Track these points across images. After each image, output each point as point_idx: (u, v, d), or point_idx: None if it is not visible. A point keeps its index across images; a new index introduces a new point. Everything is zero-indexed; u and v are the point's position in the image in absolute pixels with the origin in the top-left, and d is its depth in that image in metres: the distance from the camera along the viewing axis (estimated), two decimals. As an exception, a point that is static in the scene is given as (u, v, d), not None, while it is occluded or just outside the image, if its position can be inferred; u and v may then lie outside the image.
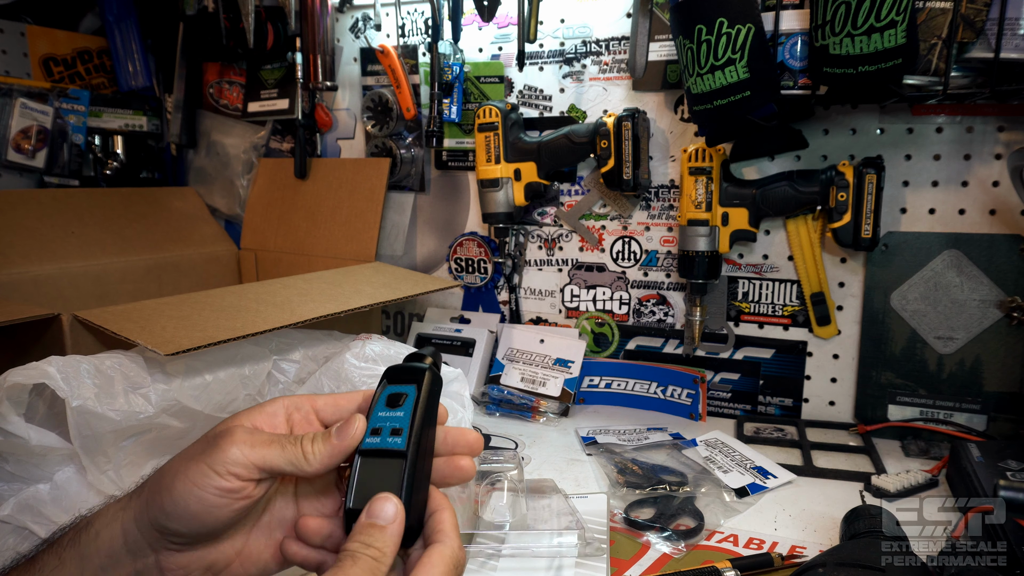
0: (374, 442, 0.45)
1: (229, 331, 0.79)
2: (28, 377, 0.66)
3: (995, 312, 0.98)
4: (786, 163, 1.09)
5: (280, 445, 0.45)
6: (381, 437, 0.45)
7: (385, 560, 0.40)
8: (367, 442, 0.45)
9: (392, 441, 0.44)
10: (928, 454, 0.99)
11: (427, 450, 0.46)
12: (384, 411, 0.46)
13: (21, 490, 0.69)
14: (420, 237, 1.40)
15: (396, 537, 0.41)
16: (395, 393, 0.47)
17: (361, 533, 0.41)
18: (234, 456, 0.43)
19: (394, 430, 0.44)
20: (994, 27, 0.78)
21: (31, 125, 1.39)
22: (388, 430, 0.45)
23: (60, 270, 1.22)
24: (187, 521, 0.43)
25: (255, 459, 0.44)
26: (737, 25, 0.88)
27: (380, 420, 0.46)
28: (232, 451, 0.43)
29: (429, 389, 0.47)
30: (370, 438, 0.45)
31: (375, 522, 0.41)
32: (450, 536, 0.43)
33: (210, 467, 0.43)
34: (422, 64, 1.30)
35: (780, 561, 0.72)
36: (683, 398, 1.15)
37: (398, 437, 0.44)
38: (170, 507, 0.43)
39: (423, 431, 0.45)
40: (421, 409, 0.45)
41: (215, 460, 0.43)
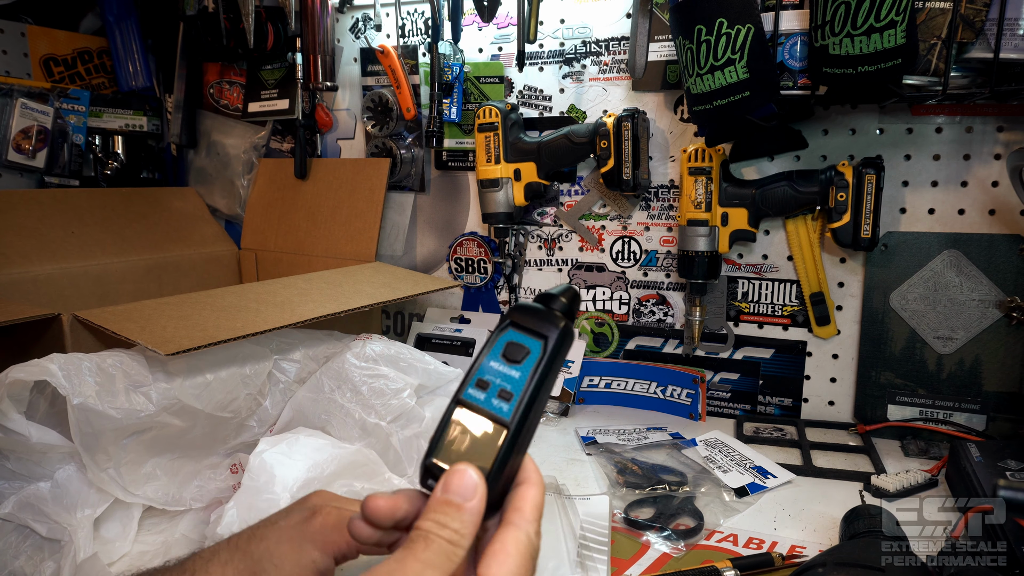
0: (477, 397, 0.38)
1: (229, 331, 0.79)
2: (29, 374, 0.66)
3: (994, 312, 0.98)
4: (786, 163, 1.09)
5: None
6: (487, 394, 0.38)
7: (462, 543, 0.35)
8: (468, 393, 0.38)
9: (498, 406, 0.37)
10: (928, 454, 0.99)
11: (534, 423, 0.39)
12: (498, 362, 0.39)
13: (22, 488, 0.70)
14: (420, 237, 1.40)
15: (476, 517, 0.36)
16: (517, 344, 0.39)
17: (436, 511, 0.36)
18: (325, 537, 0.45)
19: (503, 392, 0.38)
20: (993, 27, 0.78)
21: (31, 125, 1.39)
22: (496, 389, 0.38)
23: (60, 270, 1.22)
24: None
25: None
26: (737, 25, 0.88)
27: (490, 372, 0.38)
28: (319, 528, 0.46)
29: (556, 349, 0.39)
30: (473, 389, 0.38)
31: (452, 499, 0.36)
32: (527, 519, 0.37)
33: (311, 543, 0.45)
34: (422, 64, 1.30)
35: (781, 561, 0.72)
36: (683, 398, 1.15)
37: (506, 403, 0.37)
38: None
39: (536, 402, 0.38)
40: (540, 375, 0.38)
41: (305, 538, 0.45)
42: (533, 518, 0.37)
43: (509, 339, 0.39)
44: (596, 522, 0.79)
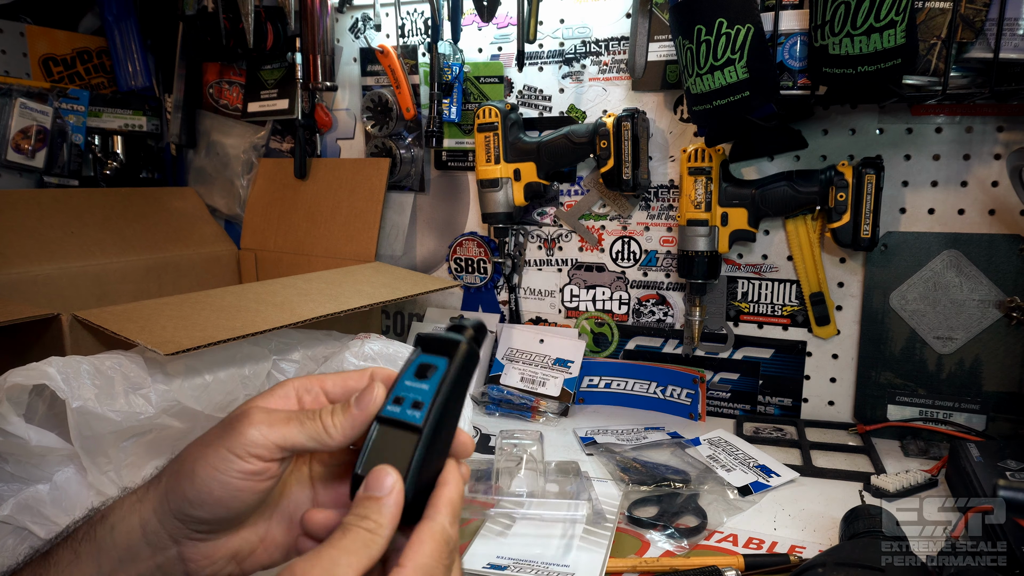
0: (394, 411, 0.43)
1: (229, 331, 0.79)
2: (28, 378, 0.66)
3: (994, 312, 0.98)
4: (785, 163, 1.09)
5: (299, 421, 0.44)
6: (402, 407, 0.43)
7: (381, 533, 0.38)
8: (387, 410, 0.43)
9: (411, 414, 0.42)
10: (927, 454, 0.99)
11: (447, 429, 0.44)
12: (411, 380, 0.44)
13: (21, 490, 0.69)
14: (420, 237, 1.40)
15: (393, 510, 0.39)
16: (425, 364, 0.44)
17: (357, 505, 0.39)
18: (254, 437, 0.43)
19: (415, 403, 0.42)
20: (993, 27, 0.78)
21: (31, 125, 1.39)
22: (410, 401, 0.43)
23: (60, 270, 1.22)
24: (211, 507, 0.43)
25: (275, 438, 0.43)
26: (736, 25, 0.88)
27: (405, 389, 0.43)
28: (252, 432, 0.43)
29: (461, 364, 0.44)
30: (391, 406, 0.43)
31: (371, 494, 0.40)
32: (441, 512, 0.41)
33: (230, 451, 0.42)
34: (422, 64, 1.30)
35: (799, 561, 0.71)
36: (683, 398, 1.15)
37: (418, 411, 0.42)
38: (192, 494, 0.43)
39: (445, 409, 0.43)
40: (448, 385, 0.43)
41: (235, 443, 0.42)
42: (447, 512, 0.41)
43: (420, 361, 0.45)
44: (608, 500, 0.85)
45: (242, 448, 0.42)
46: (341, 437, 0.44)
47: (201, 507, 0.43)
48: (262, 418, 0.44)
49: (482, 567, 0.71)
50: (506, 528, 0.78)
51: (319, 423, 0.44)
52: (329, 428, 0.44)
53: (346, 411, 0.44)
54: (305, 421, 0.44)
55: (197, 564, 0.45)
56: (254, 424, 0.43)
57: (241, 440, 0.42)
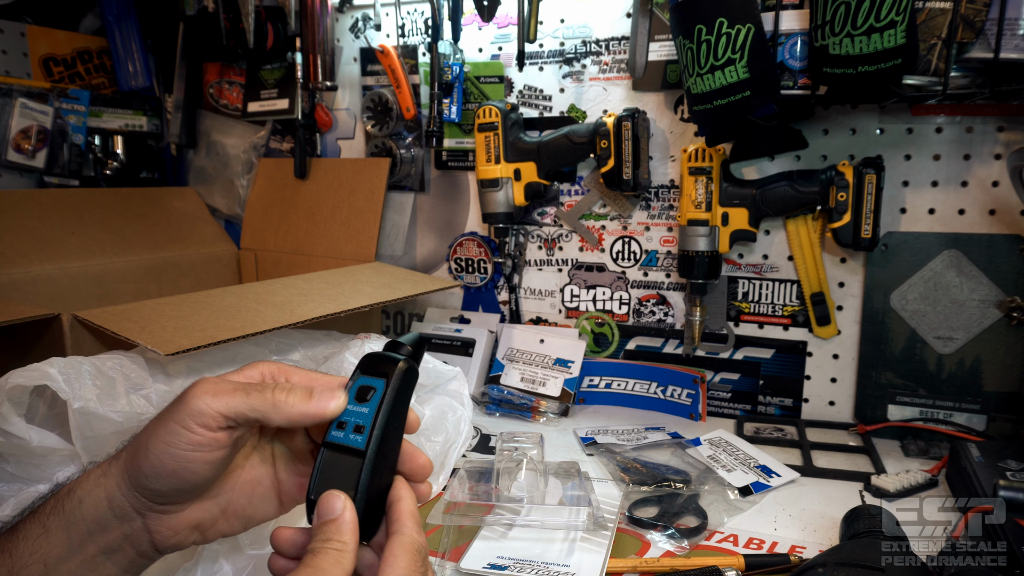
0: (338, 436, 0.44)
1: (229, 331, 0.79)
2: (29, 379, 0.66)
3: (995, 312, 0.98)
4: (786, 163, 1.09)
5: (245, 392, 0.45)
6: (345, 432, 0.44)
7: (347, 549, 0.41)
8: (332, 435, 0.44)
9: (353, 438, 0.44)
10: (928, 454, 0.99)
11: (391, 447, 0.46)
12: (352, 404, 0.45)
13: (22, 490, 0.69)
14: (420, 237, 1.40)
15: (351, 526, 0.42)
16: (364, 386, 0.45)
17: (318, 531, 0.42)
18: (198, 407, 0.44)
19: (357, 427, 0.44)
20: (994, 27, 0.78)
21: (31, 125, 1.39)
22: (352, 425, 0.44)
23: (60, 270, 1.22)
24: (166, 479, 0.44)
25: (219, 407, 0.44)
26: (737, 25, 0.88)
27: (346, 414, 0.45)
28: (196, 403, 0.44)
29: (398, 385, 0.45)
30: (335, 431, 0.44)
31: (326, 518, 0.42)
32: (407, 525, 0.43)
33: (178, 423, 0.44)
34: (422, 64, 1.30)
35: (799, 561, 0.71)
36: (683, 398, 1.15)
37: (359, 435, 0.44)
38: (147, 468, 0.44)
39: (386, 430, 0.44)
40: (386, 407, 0.44)
41: (182, 415, 0.44)
42: (411, 522, 0.44)
43: (360, 383, 0.46)
44: (607, 501, 0.85)
45: (188, 419, 0.44)
46: (285, 418, 0.45)
47: (156, 480, 0.44)
48: (207, 388, 0.45)
49: (482, 567, 0.71)
50: (502, 536, 0.78)
51: (268, 396, 0.45)
52: (280, 404, 0.45)
53: (304, 398, 0.45)
54: (252, 392, 0.45)
55: (161, 535, 0.47)
56: (199, 395, 0.44)
57: (187, 411, 0.44)
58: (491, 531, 0.78)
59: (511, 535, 0.77)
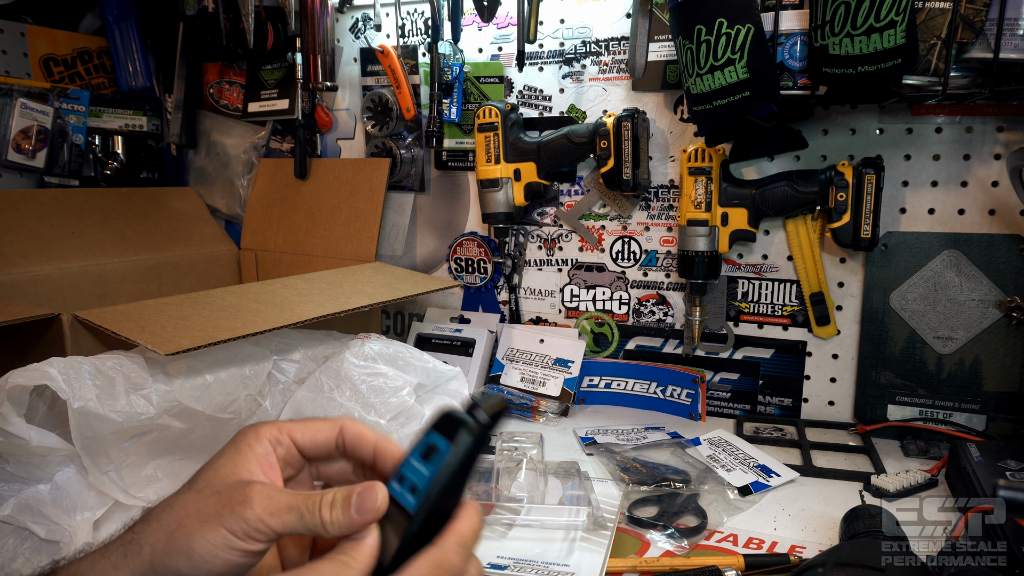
0: (394, 488, 0.43)
1: (229, 331, 0.79)
2: (29, 379, 0.66)
3: (994, 312, 0.98)
4: (786, 163, 1.09)
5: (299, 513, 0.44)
6: (401, 487, 0.43)
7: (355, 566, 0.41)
8: (391, 485, 0.44)
9: (407, 499, 0.43)
10: (927, 454, 0.99)
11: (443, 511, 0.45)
12: (417, 460, 0.44)
13: (22, 490, 0.70)
14: (420, 237, 1.40)
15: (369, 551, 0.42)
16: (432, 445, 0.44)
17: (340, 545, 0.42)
18: (257, 525, 0.42)
19: (413, 487, 0.43)
20: (993, 27, 0.78)
21: (31, 125, 1.39)
22: (409, 484, 0.43)
23: (60, 270, 1.22)
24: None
25: (276, 526, 0.43)
26: (736, 25, 0.88)
27: (409, 468, 0.44)
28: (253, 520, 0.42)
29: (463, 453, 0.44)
30: (395, 482, 0.44)
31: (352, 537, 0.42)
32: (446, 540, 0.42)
33: (232, 532, 0.42)
34: (422, 64, 1.30)
35: (799, 561, 0.71)
36: (683, 398, 1.15)
37: (412, 497, 0.43)
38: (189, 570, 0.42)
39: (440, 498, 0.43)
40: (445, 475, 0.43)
41: (236, 526, 0.42)
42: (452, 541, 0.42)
43: (430, 440, 0.44)
44: (607, 501, 0.84)
45: (243, 532, 0.42)
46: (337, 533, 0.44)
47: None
48: (264, 504, 0.43)
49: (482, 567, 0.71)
50: (501, 536, 0.78)
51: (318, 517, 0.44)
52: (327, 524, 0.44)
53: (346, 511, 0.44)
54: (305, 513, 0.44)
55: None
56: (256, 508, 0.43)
57: (243, 525, 0.42)
58: (491, 531, 0.78)
59: (511, 535, 0.77)
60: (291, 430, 0.49)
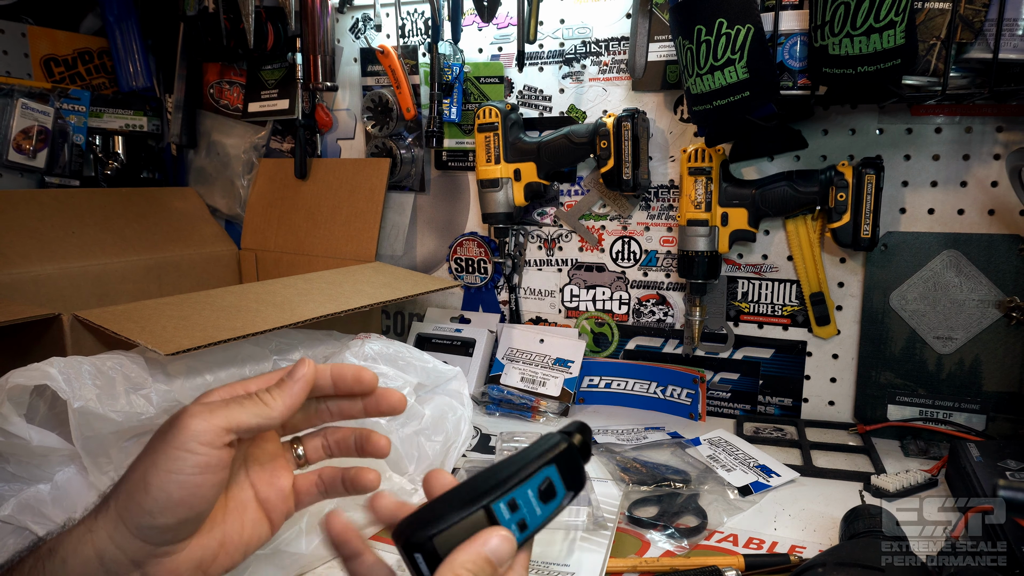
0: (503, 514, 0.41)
1: (229, 331, 0.79)
2: (29, 379, 0.66)
3: (994, 312, 0.98)
4: (785, 163, 1.09)
5: (239, 403, 0.45)
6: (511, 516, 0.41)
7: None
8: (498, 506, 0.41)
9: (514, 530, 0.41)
10: (927, 454, 0.99)
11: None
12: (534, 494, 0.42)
13: (22, 490, 0.70)
14: (420, 237, 1.40)
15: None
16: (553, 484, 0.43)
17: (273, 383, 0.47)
18: (200, 427, 0.43)
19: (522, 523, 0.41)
20: (993, 28, 0.78)
21: (32, 125, 1.39)
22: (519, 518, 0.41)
23: (60, 270, 1.22)
24: (174, 510, 0.42)
25: (220, 422, 0.43)
26: (736, 25, 0.88)
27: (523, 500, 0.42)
28: (195, 424, 0.43)
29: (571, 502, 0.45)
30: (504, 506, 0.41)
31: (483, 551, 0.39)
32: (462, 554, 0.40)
33: (179, 448, 0.42)
34: (422, 64, 1.30)
35: (799, 561, 0.71)
36: (683, 398, 1.15)
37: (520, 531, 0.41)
38: (151, 504, 0.42)
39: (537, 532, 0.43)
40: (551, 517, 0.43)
41: (182, 440, 0.42)
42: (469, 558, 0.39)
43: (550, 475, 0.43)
44: (607, 500, 0.84)
45: (191, 441, 0.42)
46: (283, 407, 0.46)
47: (163, 514, 0.42)
48: (200, 409, 0.44)
49: None
50: None
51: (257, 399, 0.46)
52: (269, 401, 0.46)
53: (282, 385, 0.47)
54: (244, 401, 0.46)
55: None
56: (194, 415, 0.43)
57: (187, 434, 0.42)
58: None
59: None
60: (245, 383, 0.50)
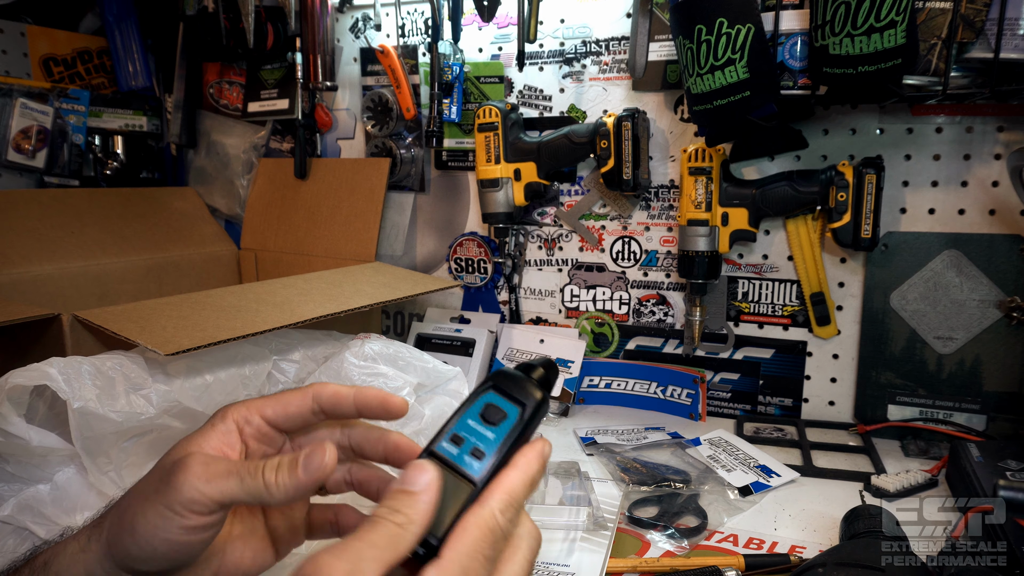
0: (450, 451, 0.39)
1: (229, 331, 0.79)
2: (29, 379, 0.66)
3: (995, 312, 0.98)
4: (786, 163, 1.09)
5: (239, 477, 0.41)
6: (460, 450, 0.39)
7: (411, 529, 0.36)
8: (442, 446, 0.39)
9: (469, 463, 0.38)
10: (928, 454, 0.99)
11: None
12: (475, 421, 0.40)
13: (22, 490, 0.70)
14: (420, 237, 1.40)
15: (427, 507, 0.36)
16: (495, 406, 0.40)
17: (389, 497, 0.37)
18: (191, 495, 0.40)
19: (476, 451, 0.39)
20: (994, 27, 0.78)
21: (31, 125, 1.39)
22: (469, 447, 0.39)
23: (60, 270, 1.22)
24: (157, 561, 0.41)
25: (214, 494, 0.40)
26: (737, 25, 0.88)
27: (466, 430, 0.39)
28: (188, 489, 0.40)
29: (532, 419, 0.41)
30: (448, 444, 0.39)
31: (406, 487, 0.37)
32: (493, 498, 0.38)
33: (168, 507, 0.40)
34: (422, 64, 1.30)
35: (799, 561, 0.71)
36: (683, 398, 1.15)
37: (477, 461, 0.38)
38: (135, 551, 0.41)
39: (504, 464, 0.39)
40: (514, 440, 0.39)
41: (172, 500, 0.40)
42: (500, 499, 0.38)
43: (489, 401, 0.41)
44: (607, 501, 0.84)
45: (180, 505, 0.40)
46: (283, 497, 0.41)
47: (146, 562, 0.41)
48: (200, 472, 0.40)
49: None
50: None
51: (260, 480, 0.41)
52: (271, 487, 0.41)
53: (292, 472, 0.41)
54: (246, 477, 0.41)
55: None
56: (191, 478, 0.40)
57: (178, 497, 0.40)
58: None
59: None
60: (261, 407, 0.46)
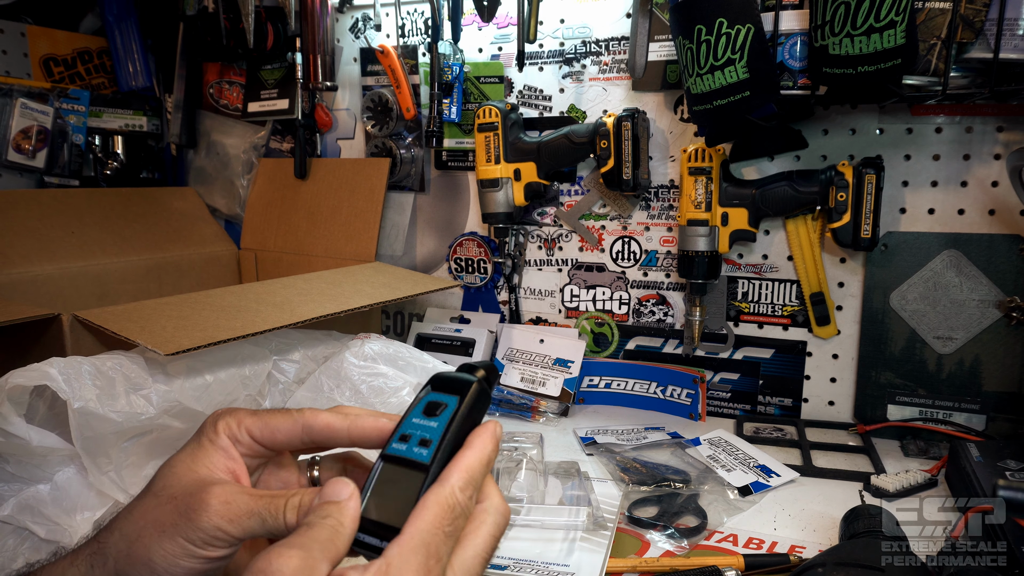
0: (399, 448, 0.42)
1: (229, 331, 0.79)
2: (29, 379, 0.66)
3: (994, 312, 0.98)
4: (786, 163, 1.09)
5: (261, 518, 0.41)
6: (408, 445, 0.42)
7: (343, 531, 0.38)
8: (393, 447, 0.42)
9: (418, 452, 0.41)
10: (927, 454, 0.99)
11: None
12: (419, 418, 0.43)
13: (22, 490, 0.70)
14: (420, 237, 1.40)
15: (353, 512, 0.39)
16: (435, 402, 0.44)
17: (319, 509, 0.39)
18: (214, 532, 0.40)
19: (423, 440, 0.42)
20: (993, 27, 0.78)
21: (31, 125, 1.39)
22: (417, 439, 0.42)
23: (60, 270, 1.22)
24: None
25: (237, 533, 0.41)
26: (737, 25, 0.88)
27: (412, 427, 0.43)
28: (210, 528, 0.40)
29: (472, 403, 0.44)
30: (397, 443, 0.42)
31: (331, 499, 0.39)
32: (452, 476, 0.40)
33: (189, 542, 0.40)
34: (422, 64, 1.30)
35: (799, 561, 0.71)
36: (683, 398, 1.15)
37: (425, 449, 0.41)
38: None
39: (454, 447, 0.42)
40: (457, 423, 0.43)
41: (193, 536, 0.40)
42: (459, 477, 0.40)
43: (429, 399, 0.44)
44: (607, 501, 0.84)
45: (201, 541, 0.40)
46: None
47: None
48: (222, 511, 0.41)
49: None
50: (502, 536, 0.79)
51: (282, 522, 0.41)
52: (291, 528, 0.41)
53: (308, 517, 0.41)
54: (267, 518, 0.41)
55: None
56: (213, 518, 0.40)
57: (200, 534, 0.40)
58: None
59: (511, 535, 0.77)
60: (249, 426, 0.46)
